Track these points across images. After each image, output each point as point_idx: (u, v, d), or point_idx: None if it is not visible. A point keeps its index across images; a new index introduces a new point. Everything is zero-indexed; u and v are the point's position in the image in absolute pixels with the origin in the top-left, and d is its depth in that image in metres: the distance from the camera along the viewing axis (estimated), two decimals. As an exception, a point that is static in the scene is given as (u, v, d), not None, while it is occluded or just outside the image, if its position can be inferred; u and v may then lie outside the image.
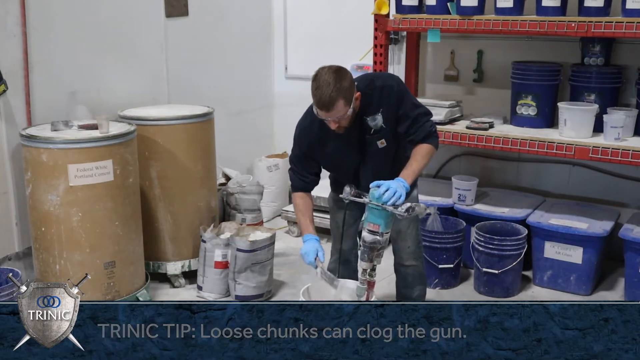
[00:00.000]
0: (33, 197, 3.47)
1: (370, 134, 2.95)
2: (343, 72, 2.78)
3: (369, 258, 2.81)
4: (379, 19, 4.38)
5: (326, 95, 2.72)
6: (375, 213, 2.74)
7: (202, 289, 4.00)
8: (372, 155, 3.02)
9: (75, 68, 4.01)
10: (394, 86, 2.95)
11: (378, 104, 2.91)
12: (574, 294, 4.03)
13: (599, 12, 3.76)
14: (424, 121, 2.98)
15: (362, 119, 2.92)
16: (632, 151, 3.72)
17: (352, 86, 2.79)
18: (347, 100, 2.76)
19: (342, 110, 2.76)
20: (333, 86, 2.71)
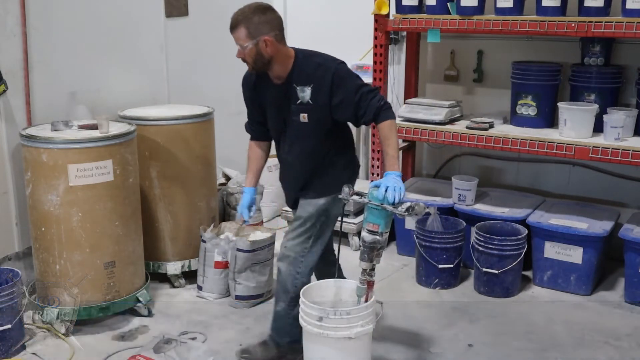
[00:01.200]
0: (33, 197, 3.47)
1: (296, 104, 2.98)
2: (264, 10, 2.92)
3: (369, 258, 2.81)
4: (379, 19, 4.38)
5: (234, 15, 2.92)
6: (375, 213, 2.74)
7: (202, 289, 4.00)
8: (293, 126, 3.03)
9: (75, 68, 4.01)
10: (331, 68, 2.95)
11: (310, 78, 2.95)
12: (574, 294, 4.03)
13: (599, 12, 3.76)
14: (371, 98, 2.95)
15: (293, 86, 2.97)
16: (632, 151, 3.73)
17: (263, 25, 2.89)
18: (250, 32, 2.88)
19: (242, 38, 2.91)
20: (243, 12, 2.89)
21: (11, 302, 3.27)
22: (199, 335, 3.56)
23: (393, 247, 4.74)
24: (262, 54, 2.91)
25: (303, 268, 3.12)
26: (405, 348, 3.43)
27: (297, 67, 2.97)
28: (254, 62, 2.96)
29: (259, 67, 2.97)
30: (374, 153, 4.53)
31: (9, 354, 3.28)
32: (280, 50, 2.95)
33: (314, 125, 2.99)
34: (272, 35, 2.90)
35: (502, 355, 3.38)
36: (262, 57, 2.93)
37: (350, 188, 2.83)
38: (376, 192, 2.73)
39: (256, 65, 2.96)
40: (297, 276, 3.11)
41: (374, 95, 2.96)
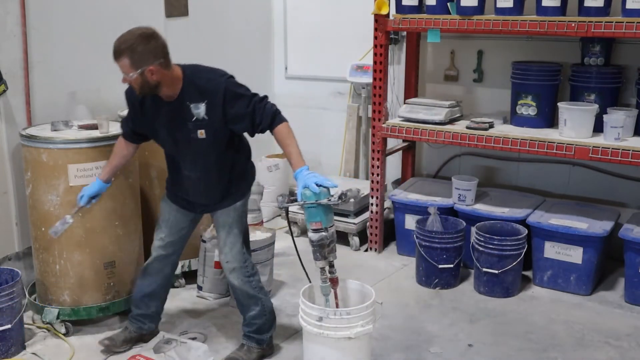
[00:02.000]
0: (33, 197, 3.47)
1: (192, 121, 2.96)
2: (149, 39, 2.85)
3: (321, 256, 2.83)
4: (379, 19, 4.38)
5: (117, 43, 2.86)
6: (313, 212, 2.78)
7: (202, 289, 4.00)
8: (192, 143, 3.00)
9: (75, 68, 4.01)
10: (221, 83, 2.96)
11: (202, 94, 2.94)
12: (574, 294, 4.03)
13: (599, 12, 3.76)
14: (263, 105, 2.98)
15: (186, 104, 2.94)
16: (632, 151, 3.72)
17: (148, 56, 2.82)
18: (134, 63, 2.82)
19: (126, 67, 2.85)
20: (126, 40, 2.83)
21: (11, 302, 3.27)
22: (199, 335, 3.56)
23: (393, 247, 4.74)
24: (148, 82, 2.88)
25: (250, 269, 3.23)
26: (405, 348, 3.43)
27: (187, 86, 2.94)
28: (140, 89, 2.92)
29: (147, 93, 2.95)
30: (375, 153, 4.53)
31: (9, 354, 3.28)
32: (166, 75, 2.90)
33: (213, 139, 3.01)
34: (157, 64, 2.84)
35: (502, 355, 3.38)
36: (149, 84, 2.89)
37: (285, 196, 2.88)
38: (308, 191, 2.77)
39: (143, 91, 2.93)
40: (251, 279, 3.22)
41: (265, 102, 3.00)
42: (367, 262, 4.54)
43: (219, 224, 3.21)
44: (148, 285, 3.34)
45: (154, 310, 3.41)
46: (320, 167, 5.62)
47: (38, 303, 3.60)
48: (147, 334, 3.44)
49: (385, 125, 4.47)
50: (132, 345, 3.39)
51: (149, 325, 3.43)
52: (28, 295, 3.62)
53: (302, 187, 2.79)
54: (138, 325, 3.41)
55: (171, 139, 3.05)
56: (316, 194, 2.75)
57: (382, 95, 4.48)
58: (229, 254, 3.18)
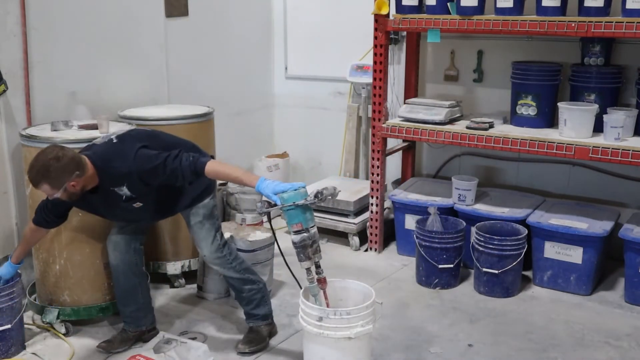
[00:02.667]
0: (33, 197, 3.46)
1: (123, 200, 3.05)
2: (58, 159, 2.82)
3: (305, 257, 2.85)
4: (379, 19, 4.38)
5: (31, 172, 2.86)
6: (292, 214, 2.81)
7: (202, 289, 4.00)
8: (132, 213, 3.14)
9: (75, 68, 4.01)
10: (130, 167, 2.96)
11: (120, 179, 2.98)
12: (574, 294, 4.03)
13: (599, 12, 3.75)
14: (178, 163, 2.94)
15: (110, 189, 3.01)
16: (632, 151, 3.72)
17: (63, 175, 2.83)
18: (53, 185, 2.85)
19: (49, 191, 2.89)
20: (39, 170, 2.83)
21: (11, 302, 3.27)
22: (199, 335, 3.56)
23: (393, 247, 4.74)
24: (73, 193, 2.93)
25: (229, 256, 3.35)
26: (405, 348, 3.43)
27: (103, 176, 2.99)
28: (70, 199, 2.97)
29: (76, 198, 2.99)
30: (375, 153, 4.53)
31: (9, 354, 3.28)
32: (86, 179, 2.94)
33: (151, 201, 3.12)
34: (74, 177, 2.87)
35: (502, 355, 3.38)
36: (75, 194, 2.95)
37: (264, 202, 2.91)
38: (286, 195, 2.79)
39: (72, 199, 2.98)
40: (234, 264, 3.35)
41: (180, 159, 2.97)
42: (367, 262, 4.54)
43: (189, 223, 3.31)
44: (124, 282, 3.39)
45: (140, 305, 3.43)
46: (320, 167, 5.62)
47: (38, 303, 3.60)
48: (146, 330, 3.45)
49: (385, 125, 4.47)
50: (130, 344, 3.40)
51: (145, 320, 3.44)
52: (28, 295, 3.62)
53: (272, 192, 2.81)
54: (135, 324, 3.42)
55: (111, 213, 3.20)
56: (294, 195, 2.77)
57: (382, 95, 4.48)
58: (205, 248, 3.30)
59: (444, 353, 3.39)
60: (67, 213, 3.22)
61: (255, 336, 3.41)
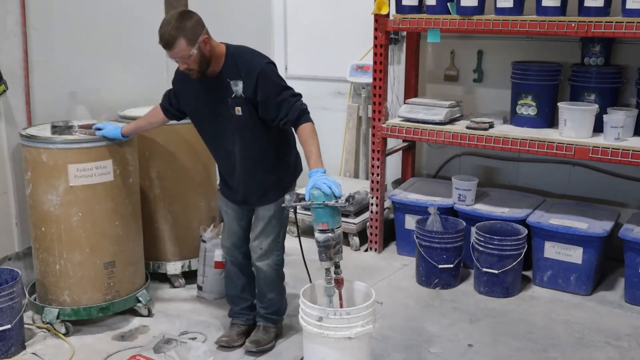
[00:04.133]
0: (33, 197, 3.47)
1: (231, 97, 3.02)
2: (188, 14, 2.91)
3: (327, 257, 2.84)
4: (379, 19, 4.38)
5: (166, 34, 2.82)
6: (320, 212, 2.79)
7: (202, 289, 4.00)
8: (230, 120, 3.07)
9: (75, 68, 4.01)
10: (257, 66, 3.00)
11: (241, 73, 2.99)
12: (574, 294, 4.03)
13: (599, 12, 3.76)
14: (294, 101, 3.02)
15: (226, 80, 3.00)
16: (632, 151, 3.73)
17: (197, 27, 2.88)
18: (190, 39, 2.84)
19: (184, 49, 2.85)
20: (173, 24, 2.82)
21: (11, 302, 3.27)
22: (199, 335, 3.56)
23: (393, 247, 4.74)
24: (204, 55, 2.94)
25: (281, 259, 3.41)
26: (405, 348, 3.43)
27: (228, 63, 3.01)
28: (199, 67, 2.97)
29: (204, 70, 2.99)
30: (375, 153, 4.53)
31: (9, 354, 3.28)
32: (214, 46, 2.99)
33: (248, 118, 3.05)
34: (205, 32, 2.93)
35: (502, 355, 3.38)
36: (205, 58, 2.96)
37: (293, 195, 2.88)
38: (317, 192, 2.78)
39: (202, 69, 2.98)
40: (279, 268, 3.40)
41: (297, 99, 3.04)
42: (367, 262, 4.54)
43: (258, 217, 3.27)
44: (236, 285, 3.45)
45: (252, 300, 3.50)
46: (320, 167, 5.61)
47: (38, 303, 3.60)
48: (254, 322, 3.51)
49: (385, 125, 4.47)
50: (245, 337, 3.45)
51: (253, 314, 3.51)
52: (28, 295, 3.62)
53: (311, 186, 2.80)
54: (245, 318, 3.49)
55: (212, 114, 3.11)
56: (326, 195, 2.76)
57: (382, 95, 4.48)
58: (264, 241, 3.27)
59: (444, 353, 3.39)
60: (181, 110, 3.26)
61: (264, 336, 3.42)
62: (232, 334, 3.45)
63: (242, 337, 3.45)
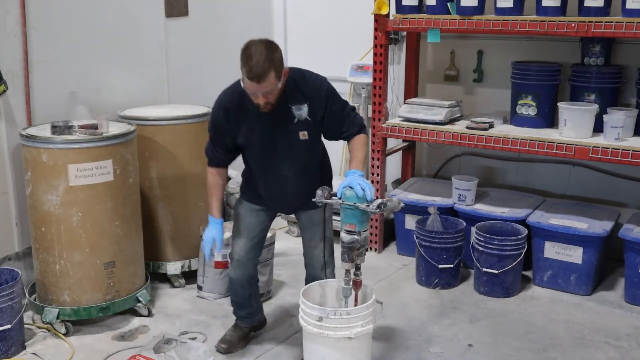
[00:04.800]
0: (33, 197, 3.47)
1: (294, 124, 2.95)
2: (274, 45, 2.79)
3: (349, 258, 2.83)
4: (379, 19, 4.38)
5: (259, 66, 2.70)
6: (349, 213, 2.78)
7: (202, 289, 4.00)
8: (291, 145, 3.00)
9: (75, 68, 4.01)
10: (324, 82, 3.00)
11: (306, 95, 2.94)
12: (574, 294, 4.03)
13: (599, 12, 3.76)
14: (354, 116, 3.06)
15: (288, 106, 2.93)
16: (632, 151, 3.73)
17: (282, 60, 2.81)
18: (278, 73, 2.76)
19: (272, 82, 2.75)
20: (265, 56, 2.71)
21: (11, 302, 3.27)
22: (199, 335, 3.56)
23: (393, 247, 4.74)
24: (281, 89, 2.85)
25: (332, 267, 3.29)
26: (405, 348, 3.43)
27: (290, 88, 2.91)
28: (276, 99, 2.86)
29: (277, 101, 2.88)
30: (375, 153, 4.53)
31: (9, 354, 3.28)
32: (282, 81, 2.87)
33: (312, 140, 3.03)
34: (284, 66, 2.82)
35: (502, 355, 3.38)
36: (280, 92, 2.86)
37: (325, 191, 2.86)
38: (349, 192, 2.77)
39: (277, 99, 2.87)
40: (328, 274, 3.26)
41: (355, 113, 3.08)
42: (367, 262, 4.48)
43: (313, 222, 3.19)
44: (242, 292, 3.34)
45: (257, 305, 3.47)
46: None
47: (38, 303, 3.60)
48: (257, 324, 3.51)
49: (385, 125, 4.47)
50: (247, 341, 3.44)
51: (257, 317, 3.49)
52: (28, 295, 3.62)
53: (345, 185, 2.79)
54: (249, 320, 3.46)
55: (269, 142, 3.00)
56: (359, 197, 2.75)
57: (382, 95, 4.48)
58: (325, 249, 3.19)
59: (444, 353, 3.39)
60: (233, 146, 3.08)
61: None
62: (233, 339, 3.40)
63: (243, 342, 3.42)
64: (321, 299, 3.09)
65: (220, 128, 3.06)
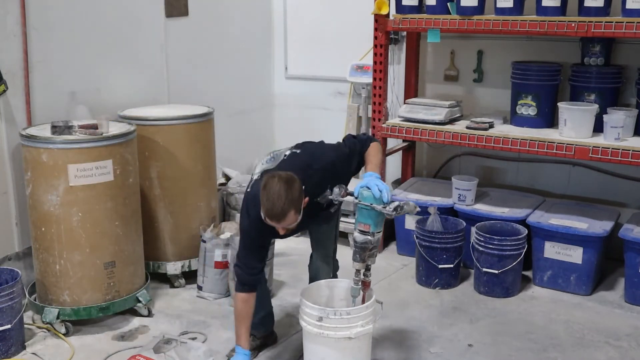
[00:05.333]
0: (33, 197, 3.47)
1: (324, 209, 3.03)
2: (292, 181, 2.72)
3: (361, 258, 2.83)
4: (379, 19, 4.38)
5: (277, 208, 2.68)
6: (365, 213, 2.78)
7: (202, 289, 4.00)
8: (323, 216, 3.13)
9: (75, 68, 4.01)
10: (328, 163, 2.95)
11: (323, 183, 2.90)
12: (574, 294, 4.03)
13: (599, 12, 3.76)
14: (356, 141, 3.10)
15: (315, 201, 2.89)
16: (632, 151, 3.73)
17: (301, 194, 2.74)
18: (297, 209, 2.73)
19: (292, 219, 2.73)
20: (285, 198, 2.67)
21: (11, 302, 3.27)
22: (199, 335, 3.56)
23: (393, 247, 4.74)
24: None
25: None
26: (405, 348, 3.43)
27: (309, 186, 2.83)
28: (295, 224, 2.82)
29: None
30: (374, 153, 4.53)
31: (9, 354, 3.28)
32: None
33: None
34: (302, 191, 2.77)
35: (502, 355, 3.38)
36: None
37: (342, 189, 2.86)
38: (367, 192, 2.77)
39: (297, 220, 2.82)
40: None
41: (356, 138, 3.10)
42: (367, 262, 4.53)
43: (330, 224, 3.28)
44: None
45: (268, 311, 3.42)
46: (320, 167, 5.61)
47: (38, 303, 3.60)
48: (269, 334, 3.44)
49: (385, 125, 4.47)
50: (260, 350, 3.37)
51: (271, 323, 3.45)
52: (28, 295, 3.62)
53: (363, 184, 2.79)
54: (264, 328, 3.39)
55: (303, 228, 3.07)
56: (375, 197, 2.74)
57: (382, 95, 4.48)
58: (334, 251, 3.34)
59: (444, 353, 3.39)
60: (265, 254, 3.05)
61: None
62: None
63: (254, 352, 3.33)
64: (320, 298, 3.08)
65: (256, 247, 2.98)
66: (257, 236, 2.94)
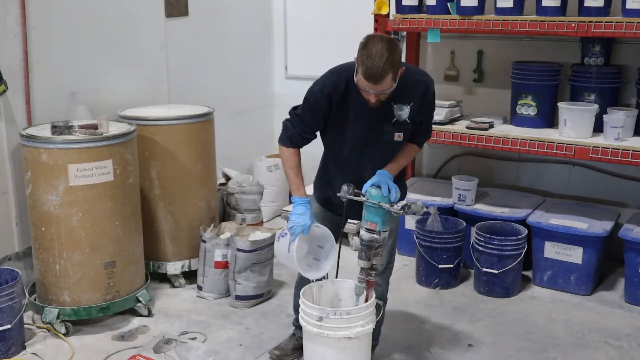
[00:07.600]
0: (33, 197, 3.47)
1: (391, 123, 2.84)
2: (394, 44, 2.62)
3: (366, 257, 2.82)
4: (379, 19, 4.38)
5: (378, 67, 2.55)
6: (372, 211, 2.77)
7: (202, 289, 4.00)
8: (382, 145, 2.89)
9: (75, 68, 4.01)
10: (431, 87, 2.89)
11: (411, 96, 2.80)
12: (574, 294, 4.03)
13: (599, 12, 3.76)
14: (429, 127, 3.08)
15: (390, 104, 2.78)
16: (632, 151, 3.73)
17: (400, 60, 2.64)
18: (395, 74, 2.62)
19: (388, 84, 2.62)
20: (387, 58, 2.55)
21: (11, 302, 3.27)
22: (199, 335, 3.56)
23: (393, 247, 4.74)
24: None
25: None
26: (405, 348, 3.43)
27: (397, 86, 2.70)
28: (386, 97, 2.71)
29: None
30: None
31: (9, 354, 3.28)
32: None
33: (403, 142, 2.93)
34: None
35: (502, 355, 3.38)
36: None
37: (350, 187, 2.83)
38: (375, 191, 2.76)
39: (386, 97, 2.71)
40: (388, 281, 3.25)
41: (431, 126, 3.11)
42: (367, 262, 4.53)
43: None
44: None
45: None
46: (320, 167, 5.62)
47: (38, 303, 3.60)
48: None
49: (385, 125, 4.47)
50: (300, 352, 3.24)
51: None
52: (28, 295, 3.62)
53: (372, 182, 2.76)
54: None
55: (361, 137, 2.88)
56: (384, 196, 2.73)
57: (382, 95, 4.47)
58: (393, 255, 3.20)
59: (444, 353, 3.39)
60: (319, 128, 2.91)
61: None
62: (287, 348, 3.33)
63: (296, 352, 3.31)
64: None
65: (317, 111, 2.88)
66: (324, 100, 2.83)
